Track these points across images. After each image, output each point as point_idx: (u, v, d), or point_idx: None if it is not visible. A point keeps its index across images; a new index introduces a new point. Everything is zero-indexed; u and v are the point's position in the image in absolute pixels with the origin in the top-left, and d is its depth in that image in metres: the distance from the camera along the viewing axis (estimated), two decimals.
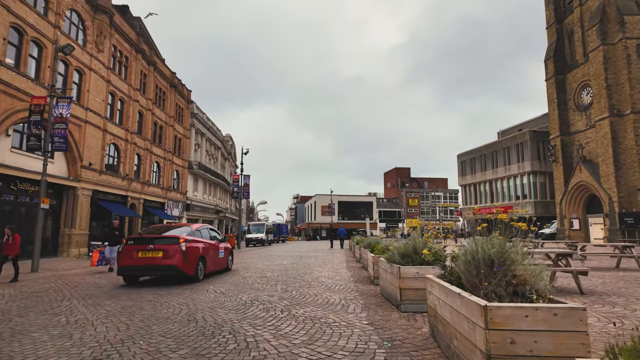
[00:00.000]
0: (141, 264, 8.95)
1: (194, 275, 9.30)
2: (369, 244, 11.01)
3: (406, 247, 5.80)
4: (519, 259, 3.08)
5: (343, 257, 17.97)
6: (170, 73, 34.68)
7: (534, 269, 2.98)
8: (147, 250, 9.02)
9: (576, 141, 31.97)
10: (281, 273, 10.97)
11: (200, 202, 42.96)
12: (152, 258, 8.95)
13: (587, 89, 30.93)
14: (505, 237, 3.19)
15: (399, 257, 5.74)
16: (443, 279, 3.91)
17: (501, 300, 2.78)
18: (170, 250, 8.97)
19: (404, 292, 5.36)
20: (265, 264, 14.50)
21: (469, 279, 3.14)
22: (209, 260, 10.29)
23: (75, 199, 21.39)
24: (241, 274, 10.85)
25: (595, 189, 29.31)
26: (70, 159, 21.18)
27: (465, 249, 3.33)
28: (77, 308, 6.04)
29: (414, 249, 5.69)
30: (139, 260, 8.95)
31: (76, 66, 21.29)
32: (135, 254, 8.99)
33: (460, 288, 3.25)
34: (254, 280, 9.24)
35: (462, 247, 3.46)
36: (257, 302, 6.32)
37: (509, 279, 2.95)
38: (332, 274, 10.48)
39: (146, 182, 29.32)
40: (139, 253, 8.99)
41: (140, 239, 9.60)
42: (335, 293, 7.14)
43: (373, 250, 9.21)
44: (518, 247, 3.18)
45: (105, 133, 23.95)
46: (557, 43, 34.02)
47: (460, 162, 51.93)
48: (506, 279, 2.95)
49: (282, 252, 23.39)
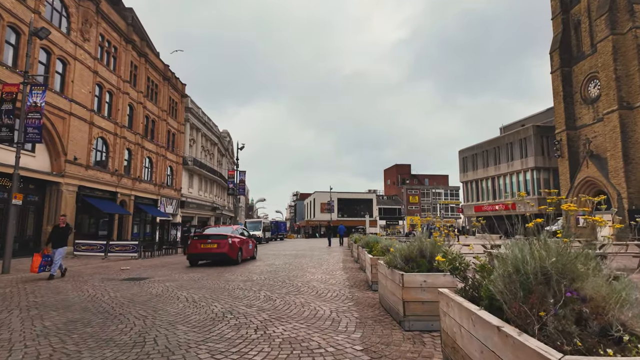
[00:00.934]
0: (203, 252, 13.62)
1: (236, 259, 13.90)
2: (368, 243, 9.95)
3: (411, 249, 4.74)
4: (587, 273, 2.02)
5: (340, 256, 16.93)
6: (163, 65, 33.52)
7: (614, 289, 1.91)
8: (207, 243, 13.65)
9: (583, 135, 30.88)
10: (270, 275, 9.92)
11: (196, 199, 41.88)
12: (210, 248, 13.55)
13: (595, 81, 29.81)
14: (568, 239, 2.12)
15: (402, 262, 4.67)
16: (463, 296, 2.86)
17: (573, 343, 1.71)
18: (222, 243, 13.55)
19: (409, 305, 4.30)
20: (255, 265, 13.46)
21: (512, 303, 2.07)
22: (244, 251, 15.04)
23: (59, 195, 20.30)
24: (224, 277, 9.80)
25: (603, 185, 28.25)
26: (53, 152, 20.09)
27: (504, 255, 2.26)
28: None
29: (420, 252, 4.62)
30: (202, 250, 13.58)
31: (59, 55, 20.16)
32: (199, 245, 13.63)
33: (494, 314, 2.19)
34: (236, 286, 8.18)
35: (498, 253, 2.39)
36: (230, 314, 5.26)
37: (578, 305, 1.89)
38: (326, 277, 9.43)
39: (137, 178, 28.22)
40: (202, 245, 13.63)
41: (202, 235, 14.39)
42: (327, 302, 6.08)
43: (372, 250, 8.14)
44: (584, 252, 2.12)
45: (92, 126, 22.83)
46: (563, 34, 32.87)
47: (461, 158, 50.82)
48: (573, 305, 1.89)
49: (278, 251, 22.35)
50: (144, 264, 14.50)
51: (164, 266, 13.41)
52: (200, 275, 10.13)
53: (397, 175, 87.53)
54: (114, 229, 25.63)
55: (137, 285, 8.30)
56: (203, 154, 44.87)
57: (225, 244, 13.47)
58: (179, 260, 16.22)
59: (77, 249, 19.45)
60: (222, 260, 13.64)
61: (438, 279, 4.26)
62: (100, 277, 9.98)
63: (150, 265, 13.76)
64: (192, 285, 8.21)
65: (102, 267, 13.21)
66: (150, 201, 30.87)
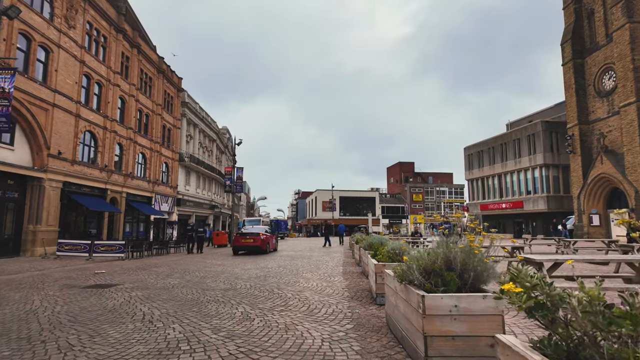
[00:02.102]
0: (243, 245, 19.25)
1: (266, 250, 19.44)
2: (371, 244, 8.59)
3: (432, 257, 3.38)
4: None
5: (340, 258, 15.57)
6: (158, 58, 32.20)
7: None
8: (246, 238, 19.34)
9: (596, 130, 29.38)
10: (257, 282, 8.58)
11: (193, 196, 40.60)
12: (248, 242, 19.17)
13: (610, 72, 28.29)
14: None
15: (420, 276, 3.32)
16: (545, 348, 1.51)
17: None
18: (256, 239, 19.13)
19: (433, 341, 2.95)
20: (245, 267, 12.12)
21: None
22: (270, 244, 20.57)
23: (41, 192, 19.04)
24: (207, 283, 8.47)
25: (618, 182, 26.77)
26: (35, 146, 18.82)
27: None
28: None
29: (446, 262, 3.27)
30: (242, 243, 19.28)
31: (41, 42, 18.87)
32: (241, 240, 19.37)
33: None
34: (212, 297, 6.84)
35: None
36: (187, 344, 3.91)
37: None
38: (322, 285, 8.08)
39: (130, 175, 26.94)
40: (242, 240, 19.37)
41: (243, 234, 20.27)
42: (319, 323, 4.73)
43: (376, 254, 6.79)
44: None
45: (78, 119, 21.54)
46: (575, 24, 31.33)
47: (467, 155, 49.28)
48: None
49: (274, 251, 21.02)
50: (126, 266, 13.20)
51: (145, 269, 12.10)
52: (177, 282, 8.80)
53: (400, 173, 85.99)
54: (103, 227, 24.37)
55: (97, 295, 6.98)
56: (201, 150, 43.57)
57: (258, 239, 19.23)
58: (168, 262, 14.90)
59: (60, 249, 18.17)
60: (257, 250, 19.13)
61: (476, 303, 2.91)
62: (62, 284, 8.67)
63: (131, 268, 12.45)
64: (161, 296, 6.88)
65: (76, 270, 11.91)
66: (143, 199, 29.60)
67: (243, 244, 19.15)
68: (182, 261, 15.42)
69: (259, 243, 18.91)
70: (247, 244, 19.06)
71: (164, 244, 22.19)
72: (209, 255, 19.56)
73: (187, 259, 16.70)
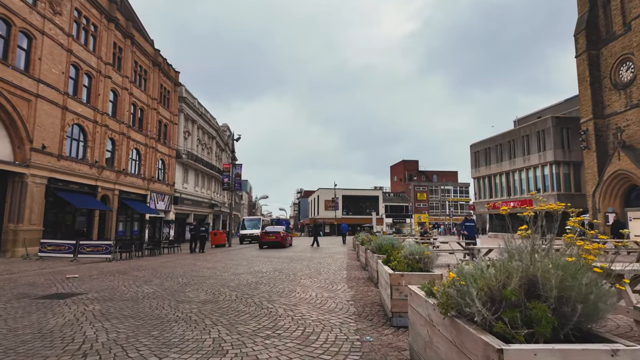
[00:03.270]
0: (268, 240, 24.74)
1: (285, 245, 25.48)
2: (380, 247, 7.24)
3: (500, 275, 2.03)
4: None
5: (344, 261, 14.21)
6: (153, 50, 30.91)
7: None
8: (269, 235, 24.91)
9: (613, 124, 27.86)
10: (245, 291, 7.25)
11: (192, 195, 39.33)
12: (271, 239, 24.70)
13: (628, 63, 26.76)
14: None
15: (483, 307, 1.96)
16: None
17: None
18: (277, 236, 24.75)
19: None
20: (237, 271, 10.79)
21: None
22: (288, 240, 26.99)
23: (23, 188, 17.79)
24: (185, 293, 7.15)
25: (637, 179, 25.29)
26: (16, 139, 17.56)
27: None
28: None
29: (528, 286, 1.92)
30: (267, 239, 24.76)
31: (22, 27, 17.60)
32: (266, 237, 24.92)
33: None
34: (186, 313, 5.49)
35: None
36: None
37: None
38: (323, 295, 6.74)
39: (122, 171, 25.67)
40: (267, 237, 24.91)
41: (267, 232, 25.54)
42: None
43: (389, 259, 5.45)
44: None
45: (65, 111, 20.28)
46: (590, 14, 29.79)
47: (473, 152, 47.77)
48: None
49: (272, 253, 19.68)
50: (106, 269, 11.90)
51: (125, 273, 10.80)
52: (152, 290, 7.48)
53: (404, 172, 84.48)
54: (93, 227, 23.11)
55: (43, 310, 5.66)
56: (200, 147, 42.30)
57: (279, 236, 24.69)
58: (155, 264, 13.57)
59: (43, 249, 16.90)
60: (277, 245, 24.53)
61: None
62: (17, 292, 7.37)
63: (111, 272, 11.15)
64: (122, 311, 5.56)
65: (48, 274, 10.62)
66: (138, 196, 28.35)
67: (267, 240, 24.76)
68: (171, 263, 14.10)
69: (279, 239, 24.64)
70: (270, 240, 24.67)
71: (156, 243, 20.87)
72: (204, 255, 18.27)
73: (178, 261, 15.39)
